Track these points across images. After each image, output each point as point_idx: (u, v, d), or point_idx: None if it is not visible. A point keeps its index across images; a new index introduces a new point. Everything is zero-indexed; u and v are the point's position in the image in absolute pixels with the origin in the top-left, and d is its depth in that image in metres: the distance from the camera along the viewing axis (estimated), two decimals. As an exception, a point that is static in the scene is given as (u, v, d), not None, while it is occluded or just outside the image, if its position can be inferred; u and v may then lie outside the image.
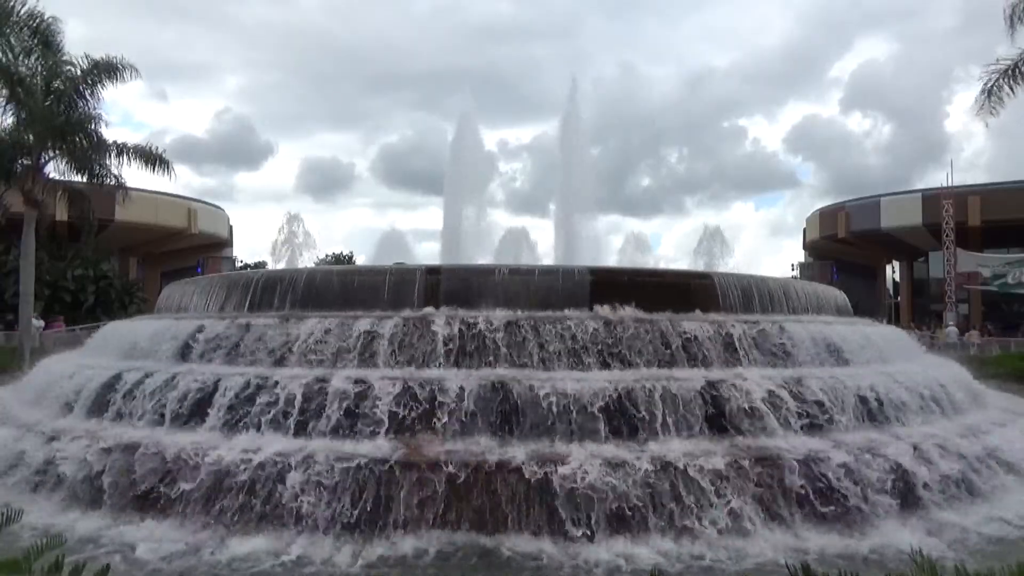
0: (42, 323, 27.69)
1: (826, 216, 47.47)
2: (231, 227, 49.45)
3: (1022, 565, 3.02)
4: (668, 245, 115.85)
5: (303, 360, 8.68)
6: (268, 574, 6.18)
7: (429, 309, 9.15)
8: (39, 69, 21.98)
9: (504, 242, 16.56)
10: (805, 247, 52.76)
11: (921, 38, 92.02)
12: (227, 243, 48.82)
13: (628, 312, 9.19)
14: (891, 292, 52.63)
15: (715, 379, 8.35)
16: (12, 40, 21.17)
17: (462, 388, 7.77)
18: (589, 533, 6.68)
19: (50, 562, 2.91)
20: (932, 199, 38.37)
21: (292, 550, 6.51)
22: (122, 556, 6.39)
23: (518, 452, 7.23)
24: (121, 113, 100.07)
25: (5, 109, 22.10)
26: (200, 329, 9.58)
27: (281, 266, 14.85)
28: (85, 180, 23.41)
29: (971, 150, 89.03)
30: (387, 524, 6.74)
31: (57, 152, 22.74)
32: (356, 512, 6.77)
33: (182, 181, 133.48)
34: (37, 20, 21.30)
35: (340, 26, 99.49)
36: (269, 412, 7.86)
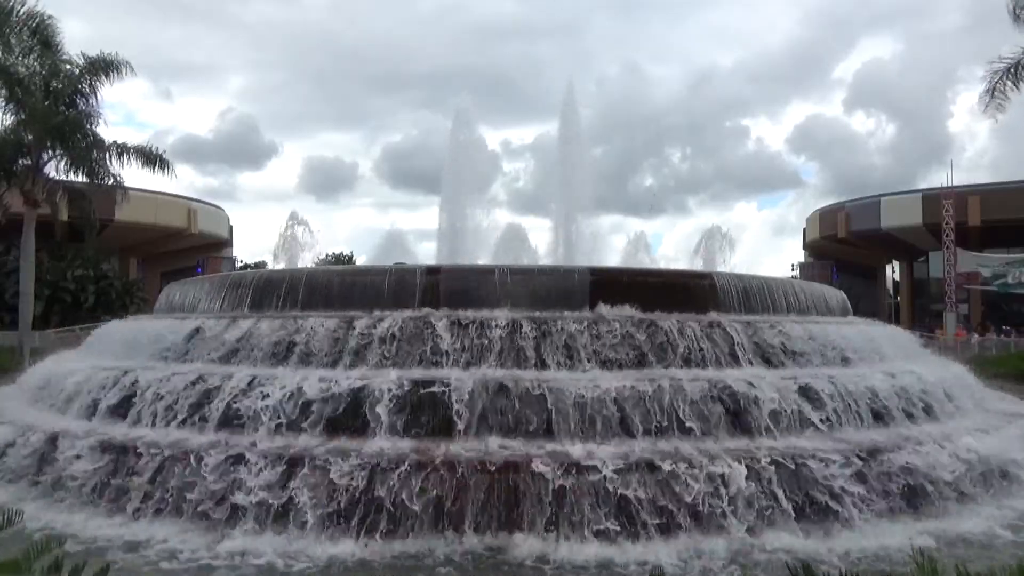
0: None
1: (826, 216, 47.47)
2: (231, 227, 49.54)
3: (1022, 565, 3.02)
4: (669, 245, 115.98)
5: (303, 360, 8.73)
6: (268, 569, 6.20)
7: (429, 309, 9.15)
8: (38, 68, 22.02)
9: (502, 240, 16.52)
10: (805, 247, 52.77)
11: (925, 37, 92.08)
12: (227, 243, 48.86)
13: (629, 312, 9.19)
14: (891, 292, 52.65)
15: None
16: (12, 40, 21.21)
17: (463, 388, 7.76)
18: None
19: (50, 562, 2.91)
20: (932, 199, 38.38)
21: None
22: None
23: (522, 451, 7.23)
24: (125, 112, 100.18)
25: (5, 109, 22.18)
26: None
27: (280, 266, 14.82)
28: (85, 180, 23.47)
29: (974, 150, 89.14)
30: (392, 524, 6.72)
31: (57, 152, 22.78)
32: (359, 511, 6.75)
33: (185, 181, 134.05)
34: (36, 20, 21.35)
35: (344, 26, 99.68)
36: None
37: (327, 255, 55.11)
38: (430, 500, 6.77)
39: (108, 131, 23.43)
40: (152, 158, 23.47)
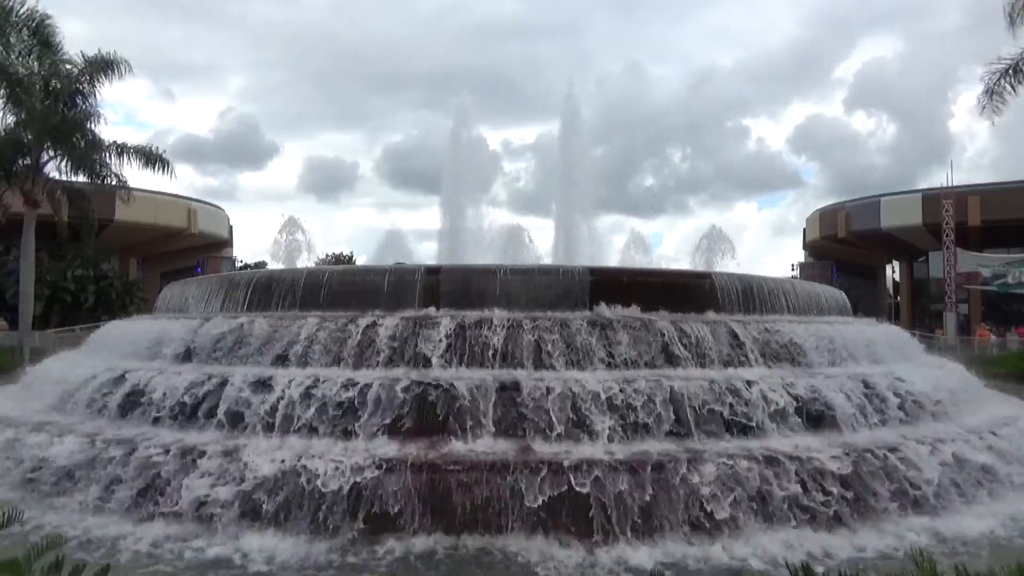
0: None
1: (826, 216, 47.46)
2: (231, 227, 49.52)
3: (1022, 565, 3.02)
4: (669, 245, 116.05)
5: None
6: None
7: (429, 310, 9.14)
8: (38, 68, 22.01)
9: (499, 240, 16.49)
10: (805, 247, 52.74)
11: (926, 37, 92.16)
12: (227, 243, 48.83)
13: (629, 312, 9.18)
14: (891, 292, 52.64)
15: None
16: (12, 39, 21.22)
17: (463, 388, 7.75)
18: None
19: (50, 562, 2.91)
20: (932, 199, 38.34)
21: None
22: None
23: (521, 451, 7.23)
24: (125, 112, 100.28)
25: (5, 109, 22.18)
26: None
27: (280, 266, 14.80)
28: (86, 180, 23.48)
29: (974, 150, 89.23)
30: (390, 525, 6.72)
31: (56, 152, 22.78)
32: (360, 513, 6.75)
33: (186, 181, 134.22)
34: (36, 19, 21.34)
35: (344, 25, 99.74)
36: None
37: (327, 255, 55.15)
38: (430, 500, 6.78)
39: (108, 131, 23.60)
40: (152, 158, 23.47)
